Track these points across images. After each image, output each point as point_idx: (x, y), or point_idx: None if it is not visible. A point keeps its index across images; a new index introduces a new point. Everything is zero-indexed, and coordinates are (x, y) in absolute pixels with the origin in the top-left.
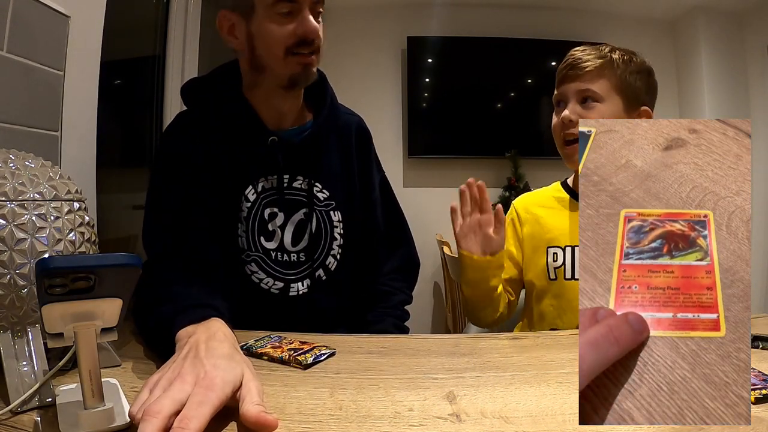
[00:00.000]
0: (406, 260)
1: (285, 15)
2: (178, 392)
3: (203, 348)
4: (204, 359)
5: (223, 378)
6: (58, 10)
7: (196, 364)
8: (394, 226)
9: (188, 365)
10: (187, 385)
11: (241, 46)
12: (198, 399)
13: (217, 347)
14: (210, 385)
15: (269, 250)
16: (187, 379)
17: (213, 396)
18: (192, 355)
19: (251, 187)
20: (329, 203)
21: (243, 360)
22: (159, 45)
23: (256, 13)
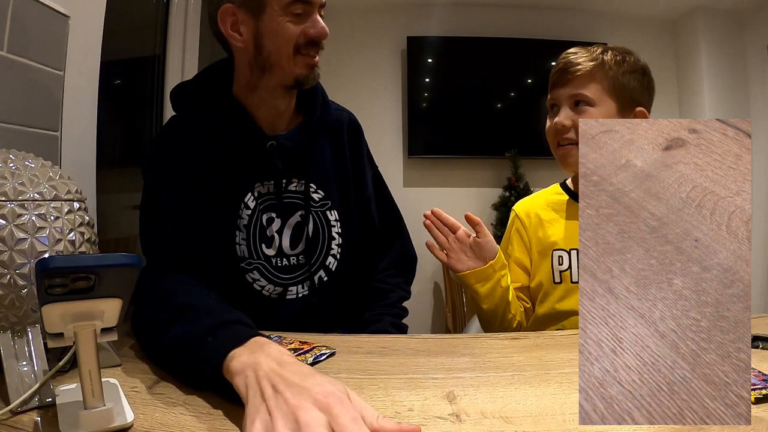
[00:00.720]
0: (402, 255)
1: (297, 16)
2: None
3: (288, 374)
4: (303, 383)
5: (339, 389)
6: (58, 10)
7: (300, 393)
8: (389, 221)
9: (293, 399)
10: (314, 411)
11: (245, 44)
12: (350, 415)
13: (296, 367)
14: (341, 400)
15: (270, 257)
16: (307, 407)
17: (350, 406)
18: (284, 386)
19: (250, 194)
20: (325, 203)
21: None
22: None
23: (267, 11)
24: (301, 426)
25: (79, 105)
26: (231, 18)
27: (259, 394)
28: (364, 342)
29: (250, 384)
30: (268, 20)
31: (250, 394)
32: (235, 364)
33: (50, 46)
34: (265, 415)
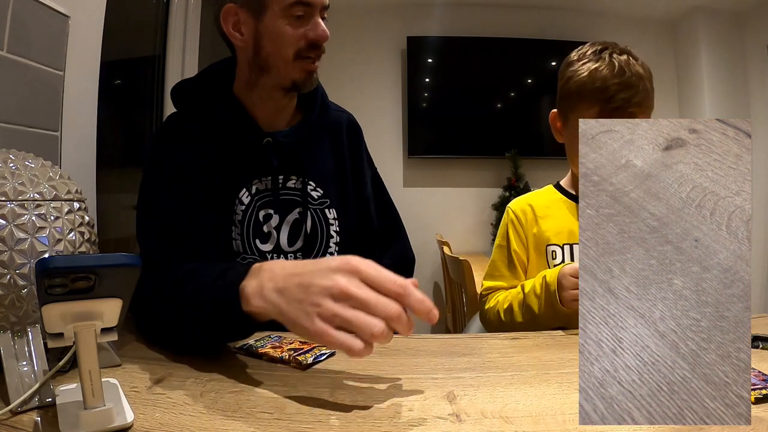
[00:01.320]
0: (401, 256)
1: (297, 18)
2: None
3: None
4: (314, 267)
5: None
6: (58, 10)
7: (318, 273)
8: (388, 222)
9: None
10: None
11: (245, 43)
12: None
13: (302, 263)
14: (355, 259)
15: (265, 253)
16: (336, 278)
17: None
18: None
19: (245, 190)
20: (323, 201)
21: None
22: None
23: (267, 13)
24: (349, 294)
25: (79, 105)
26: (233, 18)
27: (288, 298)
28: None
29: (272, 300)
30: (268, 22)
31: (280, 302)
32: (248, 291)
33: (50, 46)
34: (312, 308)
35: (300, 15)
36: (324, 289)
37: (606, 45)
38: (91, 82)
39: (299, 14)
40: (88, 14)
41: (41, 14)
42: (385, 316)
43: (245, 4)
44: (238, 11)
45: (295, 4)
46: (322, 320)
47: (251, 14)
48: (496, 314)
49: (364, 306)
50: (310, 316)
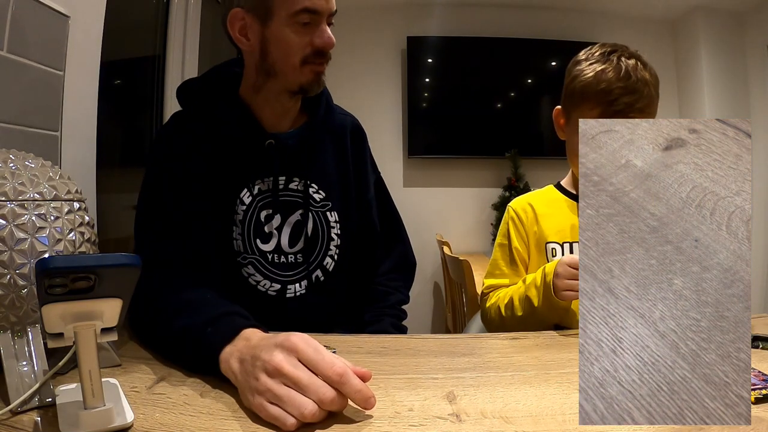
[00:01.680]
0: (402, 260)
1: (304, 25)
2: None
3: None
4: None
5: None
6: (58, 10)
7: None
8: (390, 226)
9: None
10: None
11: (251, 48)
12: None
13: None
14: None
15: (266, 252)
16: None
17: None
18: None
19: (246, 190)
20: (325, 204)
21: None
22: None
23: (274, 19)
24: (282, 372)
25: (79, 105)
26: (240, 22)
27: (242, 369)
28: (364, 342)
29: (233, 370)
30: (274, 28)
31: (237, 372)
32: (223, 354)
33: (50, 46)
34: (253, 381)
35: (306, 22)
36: (263, 363)
37: (616, 47)
38: (91, 82)
39: (306, 21)
40: (88, 14)
41: (41, 14)
42: (317, 399)
43: (252, 10)
44: (244, 16)
45: (302, 12)
46: (259, 394)
47: (258, 20)
48: (496, 310)
49: (296, 386)
50: (251, 390)
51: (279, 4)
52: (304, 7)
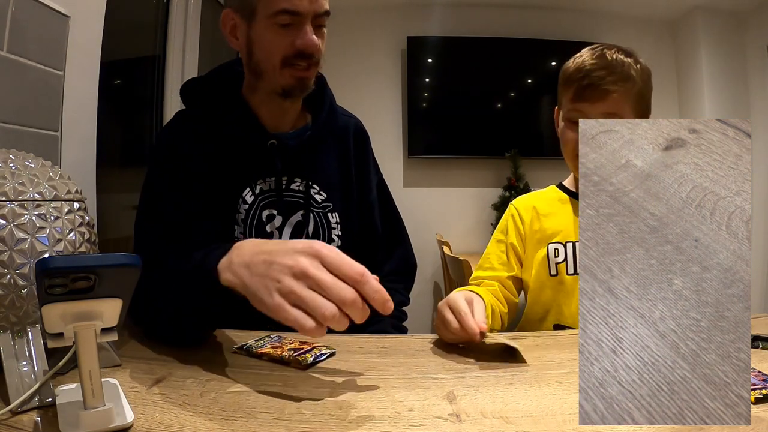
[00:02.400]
0: (403, 262)
1: (285, 26)
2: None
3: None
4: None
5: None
6: (58, 10)
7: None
8: (392, 228)
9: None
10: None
11: (240, 48)
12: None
13: (271, 241)
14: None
15: None
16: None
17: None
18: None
19: (249, 189)
20: (327, 205)
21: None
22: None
23: (256, 19)
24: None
25: (79, 105)
26: (230, 22)
27: (253, 272)
28: (364, 342)
29: (239, 272)
30: (257, 28)
31: (244, 275)
32: (221, 266)
33: (50, 46)
34: (272, 283)
35: (287, 23)
36: (285, 267)
37: (604, 45)
38: (91, 82)
39: (285, 23)
40: (88, 14)
41: (41, 14)
42: (339, 299)
43: (238, 10)
44: (233, 16)
45: (281, 13)
46: (280, 295)
47: (244, 20)
48: None
49: (320, 287)
50: (269, 290)
51: (261, 5)
52: (283, 8)
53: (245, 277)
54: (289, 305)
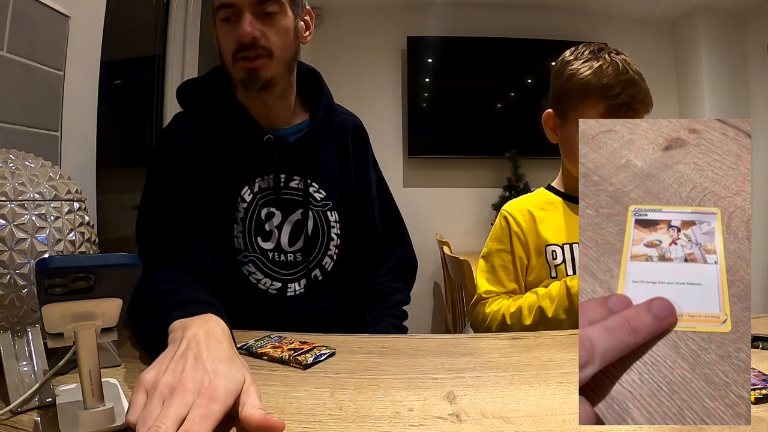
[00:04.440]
0: (403, 261)
1: (227, 21)
2: (180, 406)
3: (204, 348)
4: (206, 363)
5: (226, 387)
6: (58, 10)
7: (197, 368)
8: (391, 226)
9: (190, 369)
10: (189, 395)
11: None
12: (201, 412)
13: (216, 348)
14: (213, 396)
15: (266, 251)
16: (188, 388)
17: (216, 408)
18: (192, 356)
19: (247, 188)
20: (326, 203)
21: (242, 363)
22: (159, 45)
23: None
24: (170, 402)
25: (79, 105)
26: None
27: (171, 350)
28: (364, 342)
29: (171, 340)
30: (216, 27)
31: (169, 347)
32: (174, 325)
33: (50, 46)
34: (159, 369)
35: (227, 17)
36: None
37: (600, 46)
38: (91, 82)
39: (226, 17)
40: (88, 14)
41: (41, 14)
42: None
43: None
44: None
45: (220, 8)
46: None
47: (212, 20)
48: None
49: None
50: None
51: (213, 5)
52: (220, 4)
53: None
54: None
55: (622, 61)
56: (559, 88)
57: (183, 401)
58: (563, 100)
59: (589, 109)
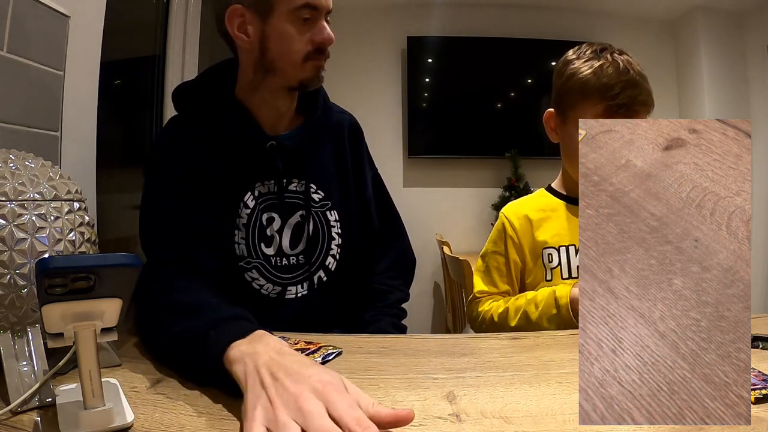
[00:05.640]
0: (401, 257)
1: (304, 21)
2: (319, 417)
3: (288, 363)
4: (301, 373)
5: (336, 382)
6: (58, 10)
7: (299, 380)
8: (388, 223)
9: (291, 384)
10: (314, 399)
11: (251, 45)
12: (344, 406)
13: (296, 358)
14: (337, 388)
15: (269, 256)
16: (307, 395)
17: (350, 396)
18: (283, 374)
19: (249, 193)
20: (325, 203)
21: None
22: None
23: (274, 14)
24: (304, 414)
25: (79, 105)
26: (239, 19)
27: (258, 382)
28: (365, 342)
29: (249, 372)
30: (275, 23)
31: (249, 381)
32: (234, 353)
33: (50, 46)
34: (265, 402)
35: (307, 18)
36: (287, 394)
37: (604, 46)
38: (91, 82)
39: (306, 17)
40: (88, 14)
41: (41, 14)
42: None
43: (252, 5)
44: (244, 12)
45: (303, 7)
46: (263, 413)
47: (258, 15)
48: (490, 318)
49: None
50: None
51: (291, 2)
52: (306, 3)
53: (247, 379)
54: (261, 425)
55: (624, 61)
56: (559, 88)
57: (317, 406)
58: (563, 99)
59: (589, 109)
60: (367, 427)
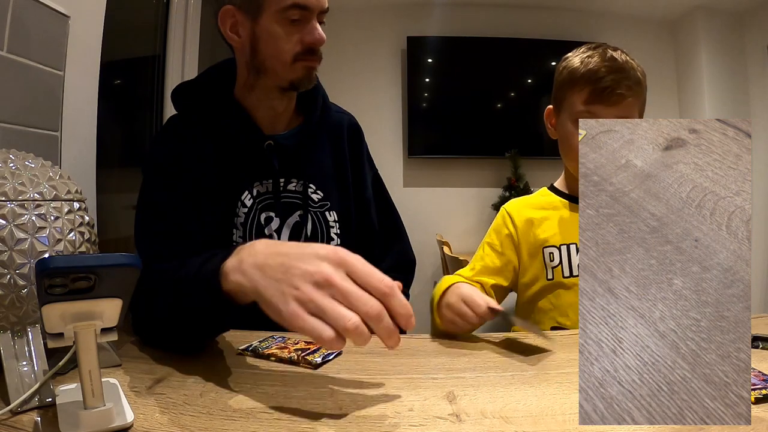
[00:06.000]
0: (401, 258)
1: (293, 22)
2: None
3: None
4: (302, 250)
5: (334, 247)
6: (58, 10)
7: (305, 257)
8: (388, 223)
9: (303, 262)
10: (329, 267)
11: (242, 45)
12: (360, 263)
13: (286, 242)
14: (344, 251)
15: None
16: (323, 265)
17: (354, 255)
18: (287, 258)
19: (247, 192)
20: (324, 204)
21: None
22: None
23: (263, 15)
24: (332, 283)
25: (79, 105)
26: (231, 19)
27: (268, 276)
28: None
29: (251, 272)
30: (264, 24)
31: (257, 278)
32: (228, 267)
33: (50, 46)
34: (290, 290)
35: (296, 19)
36: (306, 274)
37: (602, 44)
38: (91, 82)
39: (295, 18)
40: (88, 14)
41: (41, 14)
42: (364, 312)
43: (242, 6)
44: (235, 13)
45: (291, 8)
46: (298, 303)
47: (248, 16)
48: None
49: (344, 298)
50: (285, 297)
51: (269, 1)
52: (294, 3)
53: (258, 280)
54: (306, 314)
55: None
56: (555, 84)
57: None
58: (557, 92)
59: (576, 95)
60: (390, 285)
